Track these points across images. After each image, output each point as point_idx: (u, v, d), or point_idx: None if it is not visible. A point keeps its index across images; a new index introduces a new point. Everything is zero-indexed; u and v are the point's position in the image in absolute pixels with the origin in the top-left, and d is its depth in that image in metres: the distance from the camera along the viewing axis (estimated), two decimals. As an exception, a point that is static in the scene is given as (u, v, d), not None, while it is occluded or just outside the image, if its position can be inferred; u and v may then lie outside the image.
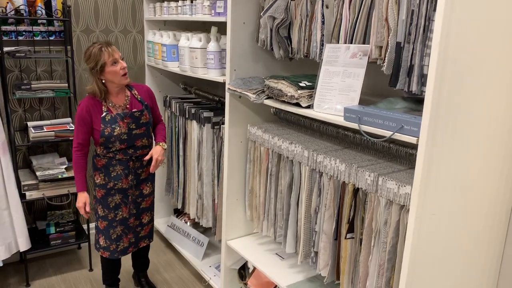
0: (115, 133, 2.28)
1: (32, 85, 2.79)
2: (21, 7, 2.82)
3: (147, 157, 2.40)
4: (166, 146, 2.48)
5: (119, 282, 2.70)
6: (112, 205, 2.40)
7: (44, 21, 2.95)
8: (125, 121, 2.30)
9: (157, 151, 2.40)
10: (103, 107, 2.29)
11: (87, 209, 2.36)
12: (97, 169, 2.39)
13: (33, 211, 3.17)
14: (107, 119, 2.27)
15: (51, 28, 2.98)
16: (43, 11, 2.88)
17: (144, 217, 2.56)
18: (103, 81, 2.27)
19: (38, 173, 2.81)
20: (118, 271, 2.65)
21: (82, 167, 2.33)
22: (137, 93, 2.42)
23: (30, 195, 2.78)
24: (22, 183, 2.76)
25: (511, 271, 1.72)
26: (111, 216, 2.41)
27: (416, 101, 1.66)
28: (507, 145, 1.57)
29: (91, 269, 3.05)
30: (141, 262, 2.80)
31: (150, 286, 2.83)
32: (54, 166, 2.92)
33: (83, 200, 2.34)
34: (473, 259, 1.65)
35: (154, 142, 2.52)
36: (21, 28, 2.90)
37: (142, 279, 2.83)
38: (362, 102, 1.67)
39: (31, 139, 2.75)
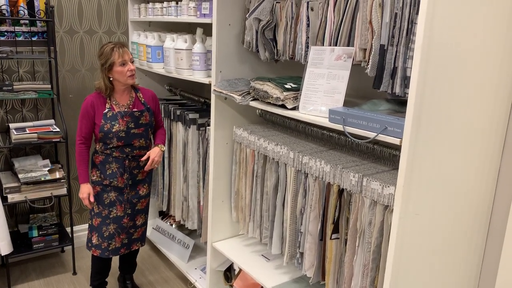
0: (113, 130, 2.35)
1: (14, 86, 2.75)
2: (3, 7, 2.78)
3: (144, 157, 2.45)
4: (164, 149, 2.55)
5: (106, 285, 2.68)
6: (107, 201, 2.43)
7: (27, 21, 2.91)
8: (125, 119, 2.38)
9: (155, 151, 2.47)
10: (107, 104, 2.37)
11: (91, 199, 2.40)
12: (94, 165, 2.45)
13: (15, 214, 3.12)
14: (108, 116, 2.35)
15: (33, 29, 2.95)
16: (26, 11, 2.84)
17: (138, 219, 2.57)
18: (110, 79, 2.35)
19: (20, 176, 2.76)
20: (107, 273, 2.64)
21: (85, 160, 2.39)
22: (141, 96, 2.49)
23: (12, 198, 2.74)
24: (4, 186, 2.72)
25: (492, 269, 1.76)
26: (105, 213, 2.44)
27: (400, 103, 1.68)
28: (488, 145, 1.61)
29: (74, 273, 3.02)
30: (128, 265, 2.79)
31: None
32: (37, 168, 2.88)
33: (86, 191, 2.39)
34: (456, 258, 1.68)
35: (152, 144, 2.58)
36: (3, 28, 2.86)
37: (128, 282, 2.81)
38: (346, 103, 1.68)
39: (13, 141, 2.71)
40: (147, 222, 2.66)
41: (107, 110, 2.35)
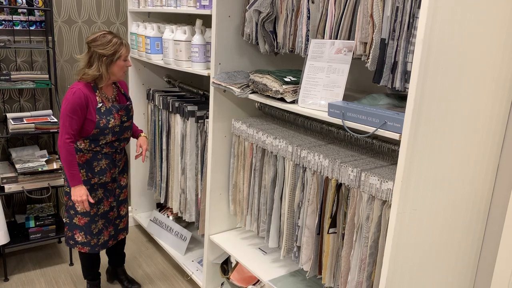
0: (109, 125, 2.27)
1: (11, 76, 2.73)
2: (1, -5, 2.75)
3: (137, 149, 2.52)
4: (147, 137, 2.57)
5: (99, 276, 2.68)
6: (96, 199, 2.37)
7: (25, 10, 2.88)
8: (120, 113, 2.32)
9: (144, 141, 2.55)
10: (97, 97, 2.25)
11: (91, 200, 2.26)
12: (78, 165, 2.26)
13: (12, 205, 3.11)
14: (102, 110, 2.25)
15: (31, 18, 2.92)
16: (24, 0, 2.81)
17: (122, 209, 2.56)
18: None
19: (17, 166, 2.75)
20: (98, 265, 2.62)
21: (75, 160, 2.21)
22: (119, 87, 2.44)
23: (9, 188, 2.73)
24: (1, 176, 2.71)
25: (489, 265, 1.76)
26: (93, 211, 2.37)
27: (399, 98, 1.67)
28: (487, 141, 1.60)
29: (71, 264, 3.01)
30: (118, 257, 2.76)
31: (130, 281, 2.79)
32: (34, 158, 2.86)
33: (84, 192, 2.23)
34: (453, 253, 1.68)
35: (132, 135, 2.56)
36: (0, 17, 2.83)
37: (122, 276, 2.79)
38: (345, 98, 1.67)
39: (10, 131, 2.69)
40: (128, 211, 2.70)
41: (100, 105, 2.24)
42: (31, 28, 2.93)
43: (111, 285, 2.84)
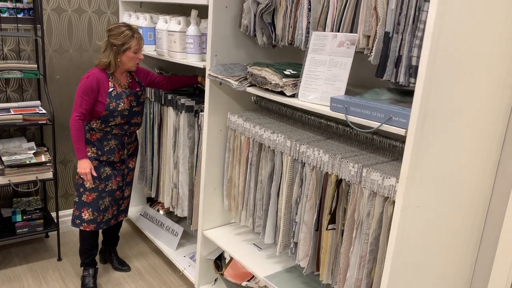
0: (119, 108, 2.41)
1: (-2, 65, 2.64)
2: (-13, -19, 2.65)
3: None
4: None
5: (96, 265, 2.69)
6: (104, 175, 2.50)
7: (12, -3, 2.79)
8: (129, 98, 2.46)
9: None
10: (109, 82, 2.40)
11: (94, 173, 2.41)
12: (89, 142, 2.47)
13: (-2, 198, 3.03)
14: (113, 94, 2.40)
15: (19, 5, 2.82)
16: (11, -13, 2.71)
17: (126, 190, 2.69)
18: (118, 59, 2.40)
19: (4, 158, 2.67)
20: (97, 248, 2.66)
21: (83, 135, 2.37)
22: (134, 75, 2.56)
23: (-5, 181, 2.65)
24: (-13, 168, 2.63)
25: (486, 261, 1.75)
26: (101, 187, 2.50)
27: (402, 93, 1.65)
28: (493, 139, 1.58)
29: (59, 259, 2.95)
30: (113, 238, 2.88)
31: (120, 262, 2.90)
32: (22, 151, 2.78)
33: (88, 165, 2.39)
34: (455, 251, 1.66)
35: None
36: (-13, 3, 2.73)
37: (113, 257, 2.91)
38: (346, 92, 1.64)
39: (-4, 122, 2.60)
40: (131, 194, 2.79)
41: (111, 89, 2.39)
42: (19, 15, 2.84)
43: (103, 266, 2.91)
